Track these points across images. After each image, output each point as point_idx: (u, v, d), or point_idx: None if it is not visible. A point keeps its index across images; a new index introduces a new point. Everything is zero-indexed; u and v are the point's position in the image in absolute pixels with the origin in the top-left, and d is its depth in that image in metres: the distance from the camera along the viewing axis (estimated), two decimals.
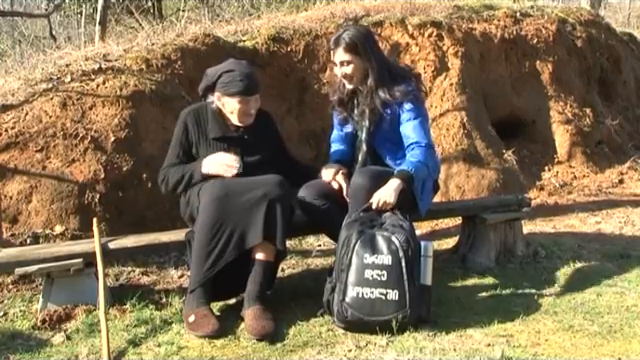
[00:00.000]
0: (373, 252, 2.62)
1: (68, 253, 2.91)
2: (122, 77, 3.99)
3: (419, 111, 2.98)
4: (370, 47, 2.95)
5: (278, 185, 2.72)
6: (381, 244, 2.64)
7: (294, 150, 4.63)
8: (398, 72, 3.02)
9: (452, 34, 5.40)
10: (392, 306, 2.58)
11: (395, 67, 3.07)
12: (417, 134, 2.94)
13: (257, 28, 5.07)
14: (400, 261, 2.61)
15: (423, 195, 3.03)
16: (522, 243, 3.69)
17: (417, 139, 2.93)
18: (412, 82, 2.99)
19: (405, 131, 2.96)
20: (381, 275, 2.60)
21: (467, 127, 5.03)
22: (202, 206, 2.71)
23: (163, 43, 4.45)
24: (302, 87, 4.95)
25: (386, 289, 2.59)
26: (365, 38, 2.95)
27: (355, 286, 2.60)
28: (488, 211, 3.60)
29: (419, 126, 2.95)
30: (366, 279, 2.60)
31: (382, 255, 2.62)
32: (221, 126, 2.95)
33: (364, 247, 2.63)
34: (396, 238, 2.64)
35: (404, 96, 2.93)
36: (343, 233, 2.70)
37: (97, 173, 3.64)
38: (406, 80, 2.98)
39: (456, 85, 5.19)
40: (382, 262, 2.61)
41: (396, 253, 2.62)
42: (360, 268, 2.61)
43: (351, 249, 2.64)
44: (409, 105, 2.95)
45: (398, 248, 2.62)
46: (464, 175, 4.80)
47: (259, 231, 2.65)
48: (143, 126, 3.87)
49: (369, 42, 2.96)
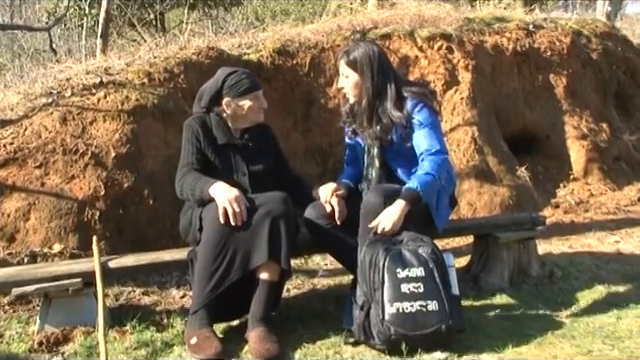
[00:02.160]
0: (404, 266, 2.64)
1: (67, 272, 2.91)
2: (124, 91, 4.02)
3: (430, 119, 2.98)
4: (372, 68, 2.96)
5: (282, 202, 2.73)
6: (410, 258, 2.66)
7: (299, 166, 4.65)
8: (411, 91, 3.01)
9: (462, 47, 5.42)
10: (434, 317, 2.58)
11: (408, 84, 3.08)
12: (427, 141, 2.94)
13: (262, 41, 5.11)
14: (432, 272, 2.64)
15: (439, 210, 3.02)
16: (537, 263, 3.67)
17: (427, 146, 2.93)
18: (423, 100, 2.99)
19: (416, 141, 2.96)
20: (417, 287, 2.61)
21: (478, 142, 5.03)
22: (206, 224, 2.72)
23: (166, 56, 4.49)
24: (308, 101, 4.97)
25: (425, 300, 2.59)
26: (369, 59, 2.96)
27: (394, 302, 2.59)
28: (501, 230, 3.58)
29: (430, 132, 2.95)
30: (404, 293, 2.60)
31: (414, 268, 2.64)
32: (226, 133, 2.99)
33: (394, 263, 2.64)
34: (422, 250, 2.69)
35: (405, 118, 2.94)
36: (367, 254, 2.69)
37: (97, 190, 3.66)
38: (417, 99, 2.98)
39: (467, 99, 5.20)
40: (416, 274, 2.63)
41: (426, 264, 2.65)
42: (395, 284, 2.61)
43: (381, 267, 2.64)
44: (420, 115, 2.96)
45: (427, 259, 2.66)
46: (475, 192, 4.79)
47: (264, 250, 2.65)
48: (145, 141, 3.89)
49: (373, 63, 2.96)
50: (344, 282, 3.54)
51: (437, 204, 3.01)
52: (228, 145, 2.97)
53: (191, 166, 2.91)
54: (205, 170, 2.90)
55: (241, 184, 2.89)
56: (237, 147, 2.99)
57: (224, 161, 2.95)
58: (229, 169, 2.95)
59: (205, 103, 3.02)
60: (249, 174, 2.95)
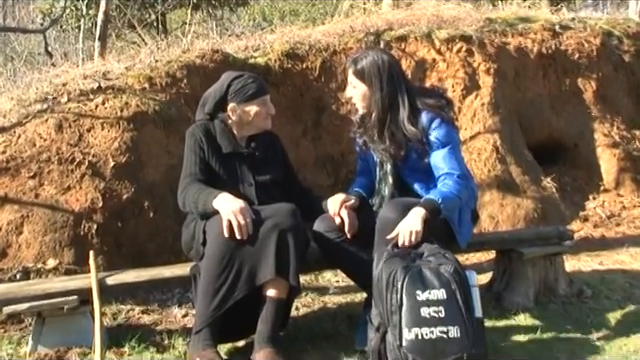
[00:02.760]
0: (425, 287, 2.57)
1: (61, 290, 2.93)
2: (123, 97, 4.06)
3: (449, 137, 2.97)
4: (381, 79, 2.94)
5: (290, 215, 2.74)
6: (431, 278, 2.59)
7: (309, 177, 4.67)
8: (426, 103, 2.99)
9: (483, 49, 5.43)
10: (456, 344, 2.52)
11: (423, 95, 3.05)
12: (448, 164, 2.93)
13: (270, 43, 5.15)
14: (455, 293, 2.57)
15: (461, 227, 3.01)
16: (565, 281, 3.66)
17: (448, 170, 2.92)
18: (440, 115, 2.98)
19: (435, 161, 2.95)
20: (438, 311, 2.54)
21: (501, 151, 5.03)
22: (210, 238, 2.74)
23: (168, 60, 4.53)
24: (319, 108, 5.00)
25: (446, 326, 2.53)
26: (378, 69, 2.95)
27: (412, 327, 2.53)
28: (525, 244, 3.58)
29: (449, 155, 2.94)
30: (423, 318, 2.54)
31: (435, 290, 2.57)
32: (231, 141, 3.01)
33: (414, 283, 2.58)
34: (444, 269, 2.62)
35: (421, 132, 2.94)
36: (384, 272, 2.65)
37: (94, 202, 3.68)
38: (433, 113, 2.97)
39: (488, 105, 5.20)
40: (437, 297, 2.56)
41: (448, 285, 2.58)
42: (414, 307, 2.55)
43: (399, 288, 2.58)
44: (438, 133, 2.95)
45: (449, 280, 2.59)
46: (498, 204, 4.78)
47: (271, 266, 2.66)
48: (145, 150, 3.92)
49: (382, 74, 2.94)
50: (357, 300, 3.54)
51: (459, 220, 3.00)
52: (233, 154, 2.99)
53: (194, 176, 2.92)
54: (209, 181, 2.91)
55: (247, 195, 2.91)
56: (243, 156, 3.01)
57: (229, 171, 2.97)
58: (234, 179, 2.97)
59: (209, 109, 3.04)
60: (255, 185, 2.97)
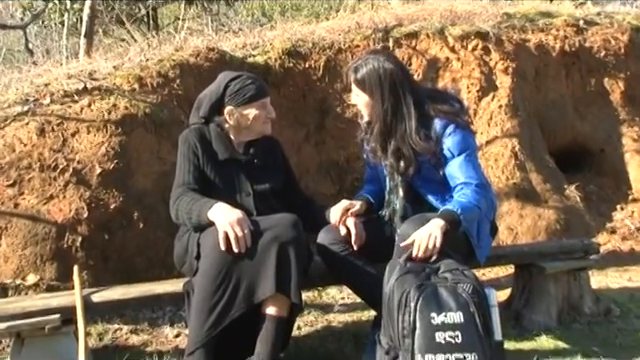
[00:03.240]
0: (440, 309, 2.53)
1: (43, 308, 2.93)
2: (111, 98, 4.08)
3: (465, 144, 2.96)
4: (382, 90, 2.93)
5: (291, 226, 2.73)
6: (447, 298, 2.56)
7: (312, 185, 4.68)
8: (438, 109, 2.97)
9: (501, 46, 5.45)
10: None
11: (434, 100, 3.03)
12: (464, 173, 2.92)
13: (270, 41, 5.17)
14: (473, 316, 2.53)
15: (480, 240, 3.01)
16: (590, 298, 3.66)
17: (465, 179, 2.90)
18: (455, 121, 2.97)
19: (450, 170, 2.94)
20: (455, 337, 2.50)
21: (520, 157, 5.04)
22: (204, 251, 2.74)
23: (159, 59, 4.55)
24: (322, 110, 5.02)
25: (463, 353, 2.49)
26: (379, 78, 2.93)
27: (426, 353, 2.50)
28: (547, 259, 3.59)
29: (466, 162, 2.93)
30: (438, 344, 2.50)
31: (451, 312, 2.53)
32: (228, 147, 3.02)
33: (428, 305, 2.54)
34: (462, 289, 2.58)
35: (434, 142, 2.93)
36: (396, 290, 2.62)
37: (79, 212, 3.69)
38: (446, 119, 2.96)
39: (506, 107, 5.22)
40: (453, 320, 2.52)
41: (466, 307, 2.54)
42: (428, 331, 2.51)
43: (412, 309, 2.54)
44: (452, 140, 2.93)
45: (468, 301, 2.55)
46: (517, 215, 4.79)
47: (271, 281, 2.65)
48: (135, 156, 3.93)
49: (383, 83, 2.93)
50: (364, 319, 3.55)
51: (477, 233, 3.00)
52: (230, 161, 3.00)
53: (188, 185, 2.93)
54: (204, 190, 2.92)
55: (245, 205, 2.91)
56: (240, 163, 3.02)
57: (225, 179, 2.98)
58: (231, 188, 2.98)
59: (204, 112, 3.05)
60: (254, 194, 2.97)
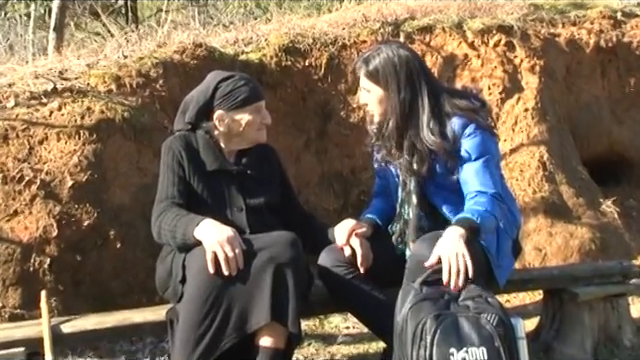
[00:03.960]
0: (461, 344, 2.50)
1: (5, 340, 2.93)
2: (84, 101, 4.08)
3: (485, 148, 2.95)
4: (398, 80, 2.95)
5: (289, 245, 2.73)
6: (468, 331, 2.52)
7: (313, 199, 4.69)
8: (457, 106, 2.98)
9: (527, 42, 5.46)
10: None
11: (452, 95, 3.04)
12: (480, 179, 2.91)
13: (265, 35, 5.19)
14: (498, 352, 2.49)
15: (500, 259, 2.99)
16: (630, 329, 3.65)
17: (479, 186, 2.90)
18: (475, 120, 2.96)
19: (465, 176, 2.93)
20: None
21: (549, 167, 5.05)
22: (190, 275, 2.74)
23: (139, 56, 4.57)
24: (324, 114, 5.03)
25: None
26: (394, 67, 2.95)
27: None
28: (580, 283, 3.59)
29: (483, 169, 2.92)
30: None
31: (473, 347, 2.49)
32: (217, 157, 3.02)
33: (447, 338, 2.51)
34: (486, 320, 2.54)
35: (450, 142, 2.92)
36: (410, 320, 2.59)
37: (47, 230, 3.70)
38: (465, 118, 2.96)
39: (533, 111, 5.23)
40: (475, 357, 2.49)
41: (491, 341, 2.50)
42: None
43: (429, 344, 2.50)
44: (471, 142, 2.94)
45: (492, 334, 2.51)
46: (545, 233, 4.79)
47: (265, 308, 2.65)
48: (112, 166, 3.94)
49: (399, 73, 2.95)
50: (371, 351, 3.55)
51: (497, 251, 2.99)
52: (220, 172, 3.00)
53: (171, 200, 2.93)
54: (190, 204, 2.92)
55: (236, 222, 2.92)
56: (231, 175, 3.02)
57: (215, 193, 2.99)
58: (221, 203, 2.98)
59: (191, 117, 3.05)
60: (247, 209, 2.98)
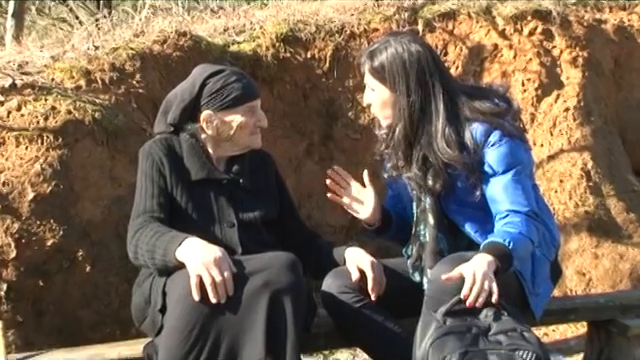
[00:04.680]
0: None
1: None
2: (48, 99, 4.09)
3: (513, 158, 2.93)
4: (408, 79, 2.93)
5: (287, 268, 2.72)
6: None
7: (317, 213, 4.69)
8: (479, 110, 2.95)
9: (568, 30, 5.47)
10: None
11: (473, 96, 3.01)
12: (510, 197, 2.89)
13: (260, 23, 5.20)
14: None
15: (536, 286, 3.00)
16: None
17: (510, 205, 2.88)
18: (500, 127, 2.93)
19: (492, 192, 2.92)
20: None
21: (593, 177, 5.05)
22: (172, 302, 2.74)
23: (113, 47, 4.58)
24: (329, 114, 5.04)
25: None
26: (403, 64, 2.94)
27: None
28: (631, 314, 3.60)
29: (513, 184, 2.90)
30: None
31: None
32: (204, 164, 3.03)
33: None
34: (521, 358, 2.54)
35: (470, 154, 2.90)
36: (432, 357, 2.59)
37: (5, 250, 3.70)
38: (488, 124, 2.93)
39: (575, 111, 5.25)
40: None
41: None
42: None
43: None
44: (496, 151, 2.91)
45: None
46: (590, 254, 4.79)
47: (259, 342, 2.65)
48: (81, 175, 3.95)
49: (409, 71, 2.93)
50: None
51: (532, 277, 2.99)
52: (207, 182, 3.01)
53: (150, 214, 2.93)
54: (172, 220, 2.93)
55: (226, 240, 2.93)
56: (221, 185, 3.03)
57: (201, 206, 2.99)
58: (208, 218, 2.99)
59: (174, 119, 3.06)
60: (238, 225, 2.98)
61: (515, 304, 2.83)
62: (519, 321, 2.66)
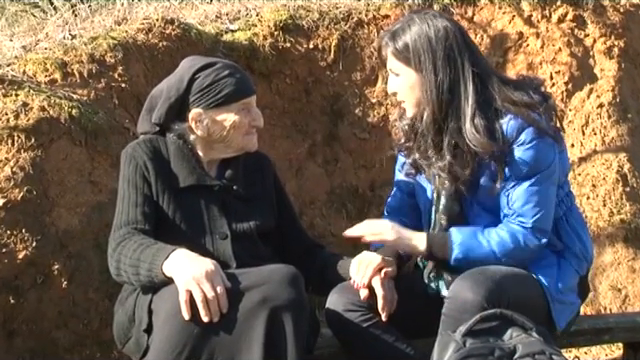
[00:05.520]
0: None
1: None
2: (19, 95, 4.09)
3: (539, 164, 2.95)
4: (435, 58, 2.94)
5: (287, 283, 2.74)
6: None
7: (320, 222, 4.71)
8: (512, 100, 2.96)
9: (602, 17, 5.49)
10: None
11: (505, 85, 3.02)
12: (521, 205, 2.93)
13: (256, 9, 5.21)
14: None
15: (560, 294, 3.02)
16: None
17: (517, 215, 2.93)
18: (534, 123, 2.95)
19: (506, 194, 2.96)
20: None
21: (630, 182, 5.08)
22: (159, 321, 2.76)
23: (92, 36, 4.59)
24: (334, 112, 5.05)
25: None
26: (429, 43, 2.95)
27: None
28: None
29: (529, 192, 2.93)
30: None
31: None
32: (193, 169, 3.05)
33: None
34: None
35: (499, 145, 2.92)
36: None
37: None
38: (521, 119, 2.93)
39: (610, 107, 5.27)
40: None
41: None
42: None
43: None
44: (525, 152, 2.93)
45: None
46: (626, 268, 4.80)
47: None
48: (56, 180, 3.96)
49: (436, 49, 2.95)
50: None
51: (557, 284, 3.01)
52: (197, 188, 3.03)
53: (134, 225, 2.94)
54: (158, 231, 2.95)
55: (219, 253, 2.95)
56: (212, 192, 3.05)
57: (190, 216, 3.02)
58: (199, 229, 3.01)
59: (159, 118, 3.09)
60: (232, 236, 3.00)
61: (535, 315, 2.83)
62: (547, 342, 2.67)
